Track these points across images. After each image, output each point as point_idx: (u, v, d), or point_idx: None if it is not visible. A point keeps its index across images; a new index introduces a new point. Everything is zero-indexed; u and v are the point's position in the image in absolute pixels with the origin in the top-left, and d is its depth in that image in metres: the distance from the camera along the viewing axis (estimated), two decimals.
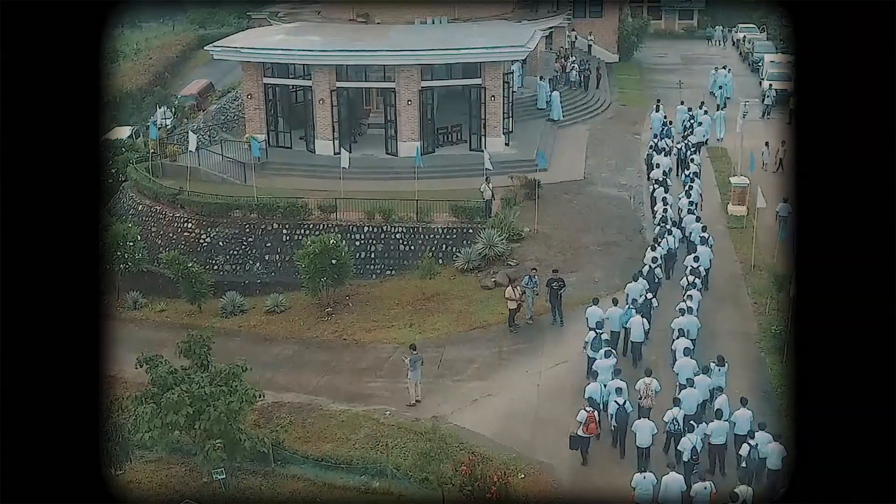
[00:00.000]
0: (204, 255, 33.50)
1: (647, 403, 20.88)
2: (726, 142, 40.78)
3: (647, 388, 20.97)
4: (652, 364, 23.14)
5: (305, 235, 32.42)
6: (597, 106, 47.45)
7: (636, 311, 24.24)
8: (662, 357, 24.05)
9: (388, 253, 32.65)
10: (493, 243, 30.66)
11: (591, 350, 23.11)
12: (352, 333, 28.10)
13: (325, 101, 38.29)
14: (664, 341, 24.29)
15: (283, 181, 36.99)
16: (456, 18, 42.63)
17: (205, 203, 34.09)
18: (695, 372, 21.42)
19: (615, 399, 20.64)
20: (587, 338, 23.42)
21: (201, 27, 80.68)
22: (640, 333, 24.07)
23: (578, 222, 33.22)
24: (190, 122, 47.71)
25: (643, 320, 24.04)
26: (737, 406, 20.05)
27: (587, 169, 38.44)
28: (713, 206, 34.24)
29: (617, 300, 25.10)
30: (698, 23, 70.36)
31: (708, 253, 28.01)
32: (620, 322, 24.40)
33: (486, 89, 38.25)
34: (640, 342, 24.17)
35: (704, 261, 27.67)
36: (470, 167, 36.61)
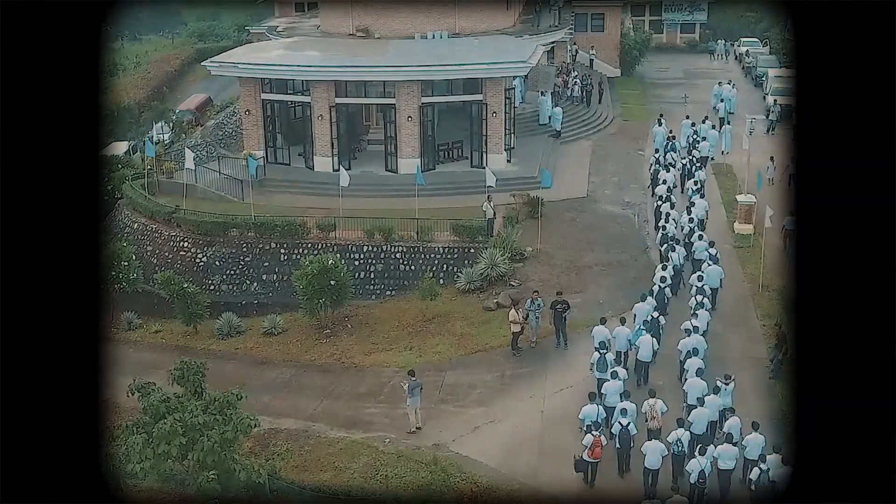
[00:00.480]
0: (200, 275, 32.86)
1: (653, 425, 20.46)
2: (731, 158, 40.24)
3: (651, 410, 20.56)
4: (657, 385, 22.63)
5: (304, 255, 31.81)
6: (599, 121, 46.90)
7: (645, 331, 23.74)
8: (668, 378, 23.55)
9: (387, 273, 32.00)
10: (495, 263, 30.03)
11: (596, 371, 22.66)
12: (350, 356, 27.45)
13: (323, 118, 37.72)
14: (671, 362, 23.79)
15: (282, 198, 36.41)
16: (457, 33, 42.12)
17: (201, 222, 33.47)
18: (704, 392, 21.03)
19: (619, 420, 20.22)
20: (593, 359, 22.99)
21: (200, 40, 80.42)
22: (649, 353, 23.56)
23: (582, 241, 32.59)
24: (188, 137, 47.20)
25: (653, 340, 23.57)
26: (748, 430, 19.60)
27: (590, 186, 37.84)
28: (719, 224, 33.65)
29: (625, 319, 24.57)
30: (700, 36, 69.89)
31: (718, 272, 27.46)
32: (628, 341, 23.90)
33: (488, 105, 37.69)
34: (648, 362, 23.66)
35: (713, 280, 27.18)
36: (471, 184, 36.05)
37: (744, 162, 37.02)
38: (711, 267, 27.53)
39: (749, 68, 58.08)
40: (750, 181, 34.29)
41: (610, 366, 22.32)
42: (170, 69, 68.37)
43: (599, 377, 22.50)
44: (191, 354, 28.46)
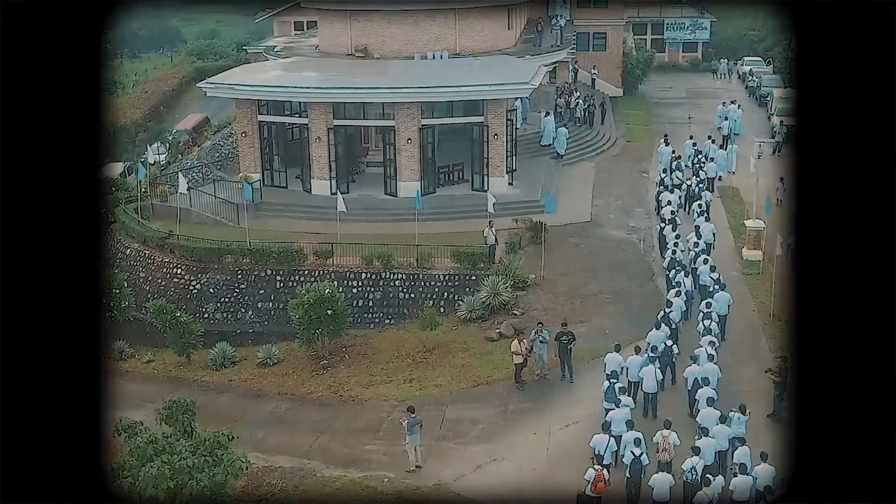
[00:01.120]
0: (194, 303, 31.97)
1: (665, 457, 19.71)
2: (738, 181, 39.39)
3: (664, 441, 19.81)
4: (667, 415, 21.73)
5: (300, 282, 30.98)
6: (602, 142, 46.15)
7: (650, 361, 23.00)
8: (679, 408, 22.73)
9: (386, 301, 31.11)
10: (497, 291, 29.14)
11: (605, 400, 21.91)
12: (348, 389, 26.51)
13: (321, 140, 36.95)
14: (682, 391, 23.11)
15: (278, 223, 35.61)
16: (457, 53, 41.43)
17: (195, 248, 32.62)
18: (715, 423, 20.35)
19: (632, 450, 19.47)
20: (604, 386, 22.25)
21: (199, 59, 79.92)
22: (653, 384, 22.80)
23: (586, 268, 31.73)
24: (184, 158, 46.52)
25: (656, 370, 22.82)
26: (757, 461, 18.91)
27: (594, 210, 37.03)
28: (726, 249, 32.78)
29: (640, 348, 23.74)
30: (703, 55, 69.30)
31: (727, 298, 26.65)
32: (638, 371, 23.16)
33: (489, 127, 36.93)
34: (653, 393, 22.88)
35: (721, 307, 26.35)
36: (472, 208, 35.23)
37: (750, 185, 36.15)
38: (720, 293, 26.73)
39: (753, 88, 57.41)
40: (758, 205, 33.44)
41: (617, 395, 21.59)
42: (167, 88, 67.72)
43: (607, 406, 21.75)
44: (183, 386, 27.91)
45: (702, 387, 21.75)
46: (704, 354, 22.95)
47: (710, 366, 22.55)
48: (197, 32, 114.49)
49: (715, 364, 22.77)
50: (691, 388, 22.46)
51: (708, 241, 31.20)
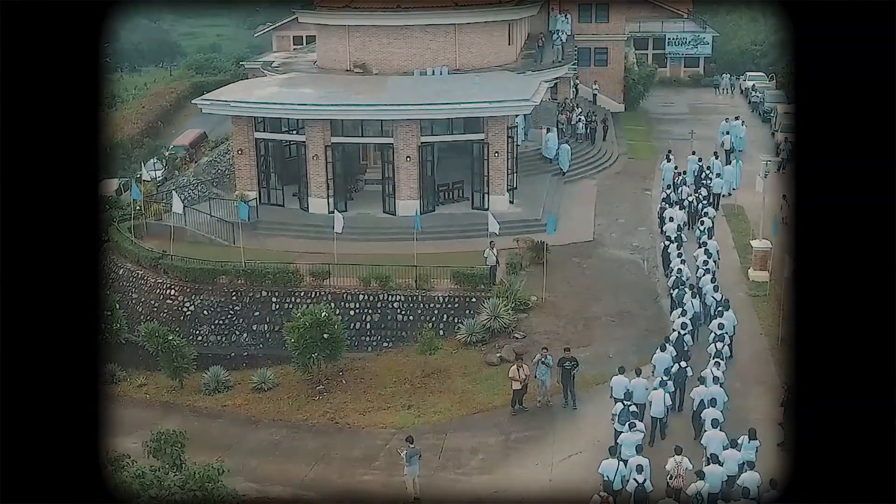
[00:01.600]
0: (187, 325, 31.23)
1: (677, 483, 19.06)
2: (742, 199, 38.69)
3: (678, 467, 19.16)
4: (675, 439, 21.23)
5: (296, 304, 30.27)
6: (604, 159, 45.50)
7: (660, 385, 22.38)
8: (687, 431, 22.13)
9: (384, 323, 30.37)
10: (497, 314, 28.41)
11: (618, 423, 21.22)
12: (345, 415, 25.75)
13: (319, 157, 36.29)
14: (688, 413, 22.55)
15: (275, 242, 34.90)
16: (457, 69, 40.82)
17: (189, 268, 31.88)
18: (724, 445, 19.76)
19: (635, 476, 18.86)
20: (615, 410, 21.63)
21: (198, 73, 79.48)
22: (661, 409, 22.13)
23: (589, 289, 31.01)
24: (180, 174, 45.85)
25: (665, 395, 22.18)
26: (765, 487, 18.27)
27: (596, 229, 36.31)
28: (732, 270, 32.08)
29: (640, 370, 23.13)
30: (705, 70, 68.74)
31: (732, 319, 26.00)
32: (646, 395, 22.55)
33: (490, 145, 36.26)
34: (661, 418, 22.24)
35: (728, 327, 25.66)
36: (472, 227, 34.53)
37: (755, 203, 35.48)
38: (727, 314, 26.05)
39: (756, 104, 56.78)
40: (765, 225, 32.72)
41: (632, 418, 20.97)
42: (165, 103, 67.17)
43: (619, 429, 21.10)
44: (175, 412, 27.19)
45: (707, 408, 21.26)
46: (710, 376, 22.39)
47: (715, 388, 22.00)
48: (197, 46, 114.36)
49: (721, 387, 22.12)
50: (697, 409, 21.94)
51: (713, 258, 30.58)
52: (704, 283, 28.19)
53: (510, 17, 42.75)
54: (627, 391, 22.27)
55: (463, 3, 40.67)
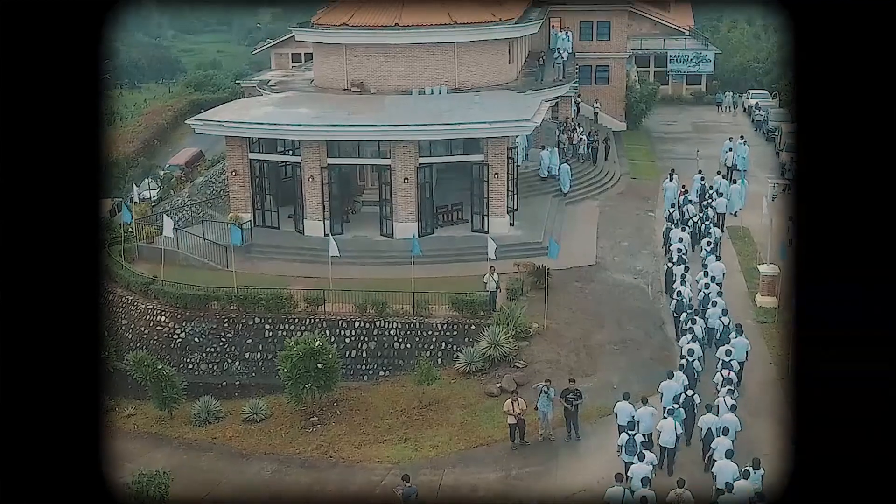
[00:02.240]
0: (178, 353, 30.31)
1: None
2: (748, 220, 37.82)
3: (679, 499, 18.57)
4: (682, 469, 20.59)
5: (290, 331, 29.40)
6: (606, 180, 44.65)
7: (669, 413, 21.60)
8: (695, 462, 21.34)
9: (381, 351, 29.43)
10: (498, 342, 27.49)
11: (625, 454, 20.56)
12: (339, 449, 24.85)
13: (314, 179, 35.45)
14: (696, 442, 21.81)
15: (269, 265, 34.05)
16: (456, 88, 40.03)
17: (180, 294, 30.96)
18: (735, 476, 19.07)
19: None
20: (620, 440, 20.99)
21: (197, 90, 78.95)
22: (671, 438, 21.28)
23: (592, 316, 30.08)
24: (176, 194, 45.12)
25: (675, 424, 21.37)
26: None
27: (599, 252, 35.40)
28: (739, 295, 31.14)
29: (647, 399, 22.33)
30: (707, 88, 68.05)
31: (745, 344, 25.18)
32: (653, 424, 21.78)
33: (489, 166, 35.41)
34: (671, 448, 21.40)
35: (739, 353, 24.88)
36: (472, 251, 33.65)
37: (762, 225, 34.75)
38: (738, 339, 25.25)
39: (760, 122, 56.00)
40: (772, 249, 31.84)
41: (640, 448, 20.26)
42: (162, 121, 66.48)
43: (627, 460, 20.37)
44: (163, 444, 26.33)
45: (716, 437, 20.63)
46: (724, 404, 21.67)
47: (729, 416, 21.29)
48: (197, 62, 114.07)
49: (735, 415, 21.42)
50: (705, 438, 21.24)
51: (718, 280, 29.78)
52: (709, 306, 27.42)
53: (510, 35, 41.96)
54: (632, 420, 21.63)
55: (462, 22, 39.91)
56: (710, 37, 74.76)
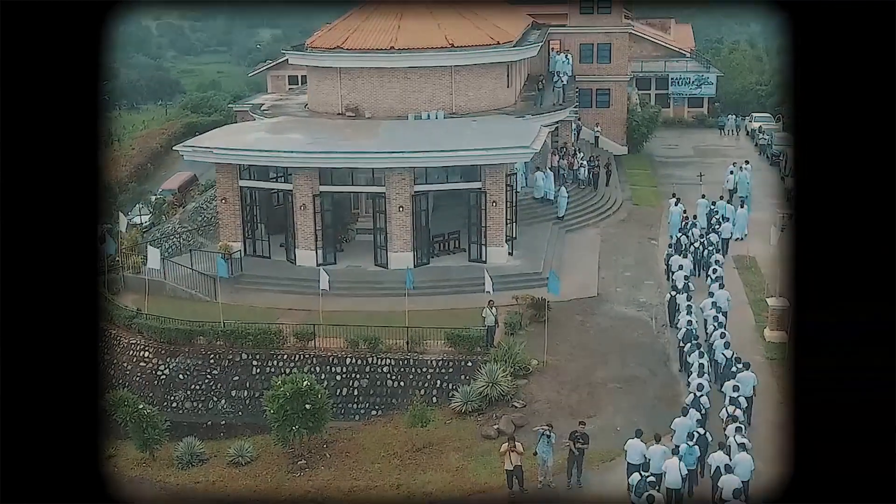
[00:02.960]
0: (161, 390, 29.05)
1: None
2: (754, 249, 36.63)
3: None
4: None
5: (278, 368, 28.20)
6: (607, 206, 43.50)
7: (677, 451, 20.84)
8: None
9: (373, 389, 28.17)
10: (495, 381, 26.24)
11: (633, 495, 19.67)
12: (328, 495, 23.51)
13: (306, 207, 34.31)
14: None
15: (259, 297, 32.85)
16: (453, 113, 38.98)
17: (164, 328, 29.72)
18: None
19: None
20: (631, 479, 20.04)
21: (193, 112, 78.13)
22: (677, 479, 20.34)
23: (594, 351, 28.85)
24: (167, 220, 43.98)
25: (680, 463, 20.45)
26: None
27: (601, 283, 34.20)
28: (746, 328, 29.98)
29: (660, 437, 21.35)
30: (709, 111, 67.05)
31: (751, 379, 24.28)
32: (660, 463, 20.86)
33: (487, 193, 34.27)
34: (676, 489, 20.41)
35: (746, 388, 23.98)
36: (469, 282, 32.49)
37: (769, 255, 33.61)
38: (745, 374, 24.37)
39: (764, 146, 54.90)
40: (780, 280, 30.59)
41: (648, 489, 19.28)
42: (155, 145, 65.39)
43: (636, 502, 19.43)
44: (144, 489, 24.97)
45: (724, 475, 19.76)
46: (735, 443, 20.79)
47: (742, 455, 20.42)
48: (197, 83, 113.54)
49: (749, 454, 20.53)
50: (714, 476, 20.34)
51: (724, 309, 28.95)
52: (714, 337, 26.67)
53: (509, 58, 40.96)
54: (644, 459, 20.68)
55: (460, 45, 38.94)
56: (711, 59, 73.90)
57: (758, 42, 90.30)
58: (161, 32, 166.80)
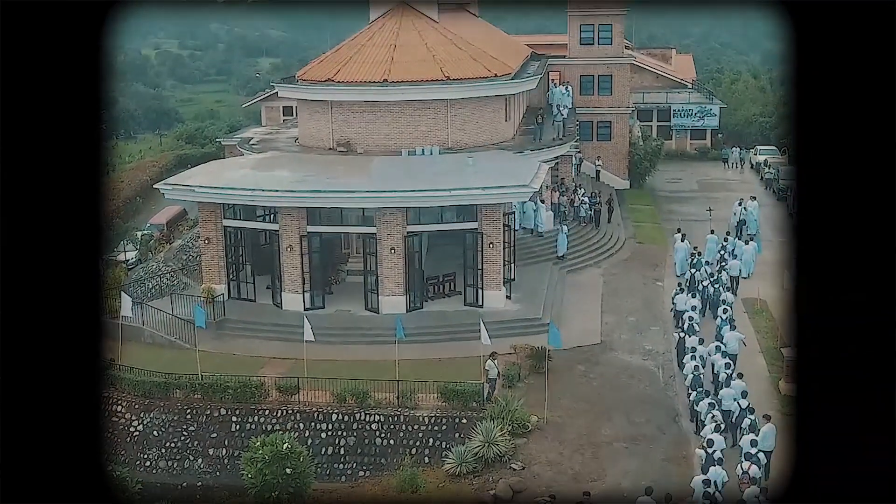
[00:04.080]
0: (134, 448, 27.13)
1: None
2: (765, 292, 34.81)
3: None
4: None
5: (260, 424, 26.40)
6: (610, 245, 41.75)
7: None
8: None
9: (361, 448, 26.24)
10: (492, 440, 24.35)
11: None
12: None
13: (293, 248, 32.56)
14: None
15: (242, 344, 31.09)
16: (449, 147, 37.34)
17: (139, 381, 27.84)
18: None
19: None
20: None
21: (188, 143, 76.71)
22: None
23: (597, 406, 26.97)
24: (153, 257, 42.28)
25: None
26: None
27: (604, 328, 32.37)
28: (760, 379, 28.11)
29: (671, 496, 19.98)
30: (712, 143, 65.55)
31: (772, 433, 22.74)
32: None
33: (484, 235, 32.51)
34: None
35: (766, 443, 22.44)
36: (464, 328, 30.68)
37: (781, 299, 31.79)
38: (767, 426, 22.94)
39: (770, 180, 53.24)
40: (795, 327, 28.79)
41: None
42: (145, 178, 63.73)
43: None
44: None
45: None
46: None
47: None
48: (195, 112, 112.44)
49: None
50: None
51: (734, 351, 27.63)
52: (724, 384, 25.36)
53: (507, 91, 39.40)
54: None
55: (456, 77, 37.39)
56: (713, 89, 72.55)
57: (759, 72, 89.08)
58: (160, 61, 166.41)
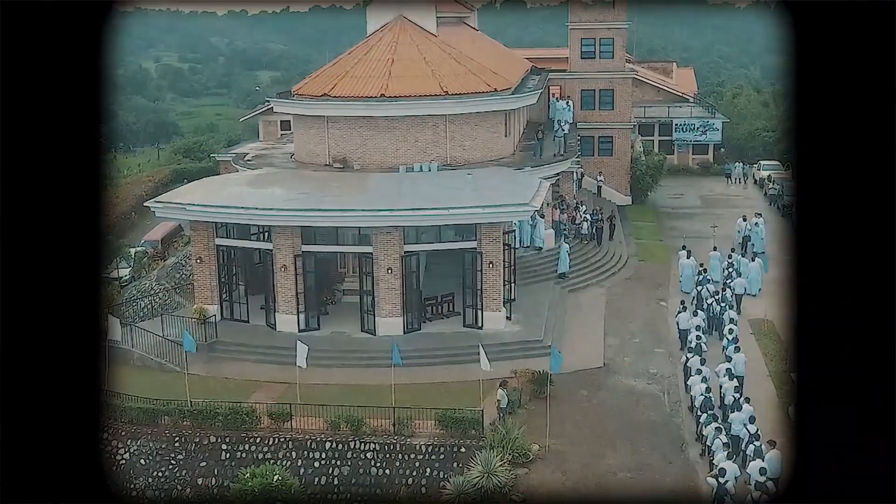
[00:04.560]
0: (120, 477, 26.11)
1: None
2: (771, 313, 33.88)
3: None
4: None
5: (251, 452, 25.47)
6: (612, 263, 40.89)
7: None
8: None
9: (355, 478, 25.25)
10: (491, 470, 23.41)
11: None
12: None
13: (287, 268, 31.67)
14: None
15: (235, 367, 30.18)
16: (448, 164, 36.52)
17: (125, 407, 26.89)
18: None
19: None
20: None
21: (186, 157, 76.03)
22: None
23: (601, 433, 26.02)
24: (147, 274, 41.47)
25: None
26: None
27: (607, 351, 31.45)
28: (769, 406, 27.13)
29: None
30: (714, 157, 64.77)
31: (778, 458, 22.03)
32: None
33: (483, 254, 31.63)
34: None
35: (773, 467, 21.71)
36: (463, 350, 29.79)
37: (788, 320, 30.87)
38: (772, 451, 22.25)
39: (774, 196, 52.41)
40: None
41: None
42: (141, 192, 62.90)
43: None
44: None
45: None
46: None
47: None
48: (195, 126, 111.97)
49: None
50: None
51: (740, 373, 26.98)
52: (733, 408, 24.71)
53: (507, 106, 38.59)
54: None
55: (454, 92, 36.60)
56: (714, 103, 71.87)
57: (761, 86, 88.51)
58: (160, 74, 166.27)
